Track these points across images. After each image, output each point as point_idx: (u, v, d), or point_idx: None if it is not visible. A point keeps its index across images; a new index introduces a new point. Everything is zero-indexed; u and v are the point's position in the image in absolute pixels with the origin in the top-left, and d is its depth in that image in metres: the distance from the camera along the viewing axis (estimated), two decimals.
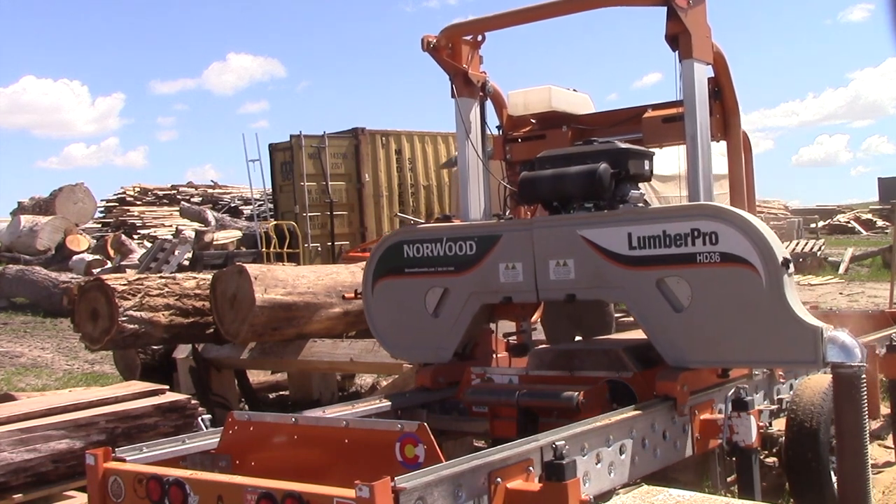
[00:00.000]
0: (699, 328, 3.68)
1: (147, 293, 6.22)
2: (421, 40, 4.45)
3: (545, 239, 4.02)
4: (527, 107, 4.75)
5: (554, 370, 4.24)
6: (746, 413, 3.67)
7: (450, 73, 4.58)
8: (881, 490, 4.87)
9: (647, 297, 3.77)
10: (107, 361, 10.22)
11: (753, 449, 3.73)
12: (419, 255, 4.35)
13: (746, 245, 3.53)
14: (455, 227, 4.47)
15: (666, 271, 3.71)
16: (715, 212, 3.65)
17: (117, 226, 23.11)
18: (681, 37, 3.95)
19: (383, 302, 4.53)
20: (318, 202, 16.66)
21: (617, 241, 3.82)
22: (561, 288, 4.01)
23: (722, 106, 4.29)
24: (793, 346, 3.53)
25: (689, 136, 3.98)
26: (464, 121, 4.58)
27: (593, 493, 3.06)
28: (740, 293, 3.56)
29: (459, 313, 4.28)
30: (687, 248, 3.65)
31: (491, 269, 4.15)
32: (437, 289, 4.32)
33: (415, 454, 2.99)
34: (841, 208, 37.06)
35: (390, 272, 4.46)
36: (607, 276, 3.86)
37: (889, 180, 42.69)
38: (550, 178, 4.11)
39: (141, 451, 3.32)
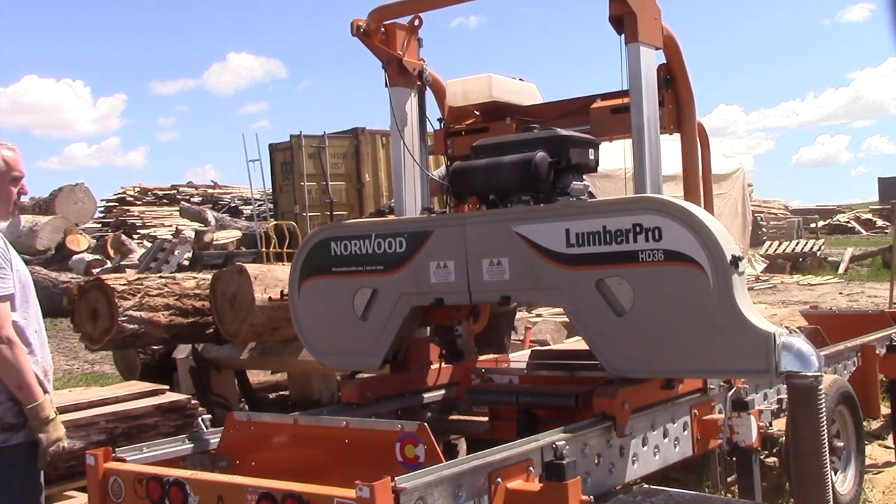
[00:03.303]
0: (642, 334, 3.33)
1: (147, 293, 6.22)
2: (350, 24, 4.05)
3: (478, 236, 3.68)
4: (466, 97, 4.38)
5: (554, 370, 4.24)
6: (746, 413, 3.67)
7: (383, 61, 4.20)
8: (881, 490, 4.87)
9: (586, 300, 3.42)
10: (107, 361, 10.22)
11: (753, 449, 3.73)
12: (347, 252, 4.01)
13: (692, 241, 3.20)
14: (384, 223, 4.11)
15: (606, 271, 3.37)
16: (658, 205, 3.31)
17: (117, 226, 23.12)
18: (626, 18, 3.59)
19: (310, 304, 4.16)
20: (318, 202, 16.67)
21: (554, 238, 3.47)
22: (495, 289, 3.67)
23: (675, 95, 3.93)
24: (743, 353, 3.18)
25: (635, 126, 3.63)
26: (398, 112, 4.20)
27: (593, 493, 3.05)
28: (686, 295, 3.22)
29: (389, 316, 3.92)
30: (628, 246, 3.30)
31: (421, 268, 3.81)
32: (366, 289, 3.97)
33: (415, 454, 2.99)
34: (841, 208, 37.09)
35: (317, 271, 4.11)
36: (544, 276, 3.52)
37: (889, 180, 42.72)
38: (484, 168, 3.82)
39: (141, 451, 3.32)
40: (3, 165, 3.31)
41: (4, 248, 3.22)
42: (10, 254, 3.25)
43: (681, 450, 3.71)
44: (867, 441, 5.07)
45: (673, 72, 3.91)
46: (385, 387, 4.18)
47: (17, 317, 3.23)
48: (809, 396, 3.17)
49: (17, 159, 3.36)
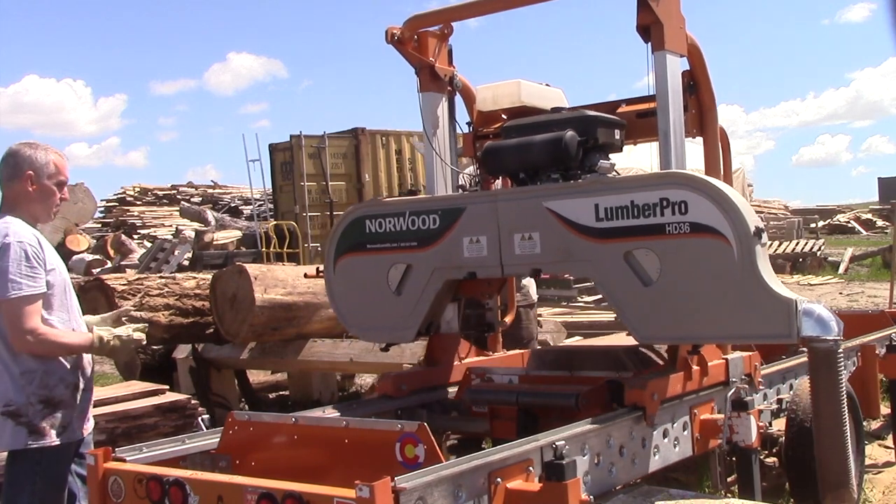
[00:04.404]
0: (668, 302, 3.48)
1: (147, 293, 6.23)
2: (385, 32, 4.21)
3: (510, 211, 3.82)
4: (496, 101, 4.55)
5: (554, 370, 4.24)
6: (746, 413, 3.67)
7: (415, 67, 4.36)
8: (881, 490, 4.87)
9: (615, 271, 3.57)
10: (107, 361, 10.20)
11: (753, 449, 3.73)
12: (381, 230, 4.14)
13: (717, 214, 3.35)
14: (418, 201, 4.24)
15: (634, 243, 3.51)
16: (684, 180, 3.46)
17: (117, 226, 23.13)
18: (652, 27, 3.74)
19: (345, 280, 4.29)
20: (318, 202, 16.67)
21: (584, 213, 3.62)
22: (526, 262, 3.82)
23: (698, 100, 4.09)
24: (766, 319, 3.32)
25: (662, 131, 3.80)
26: (430, 117, 4.38)
27: (593, 493, 3.05)
28: (711, 265, 3.37)
29: (423, 290, 4.05)
30: (656, 219, 3.45)
31: (455, 243, 3.94)
32: (400, 265, 4.10)
33: (415, 454, 2.99)
34: (841, 208, 37.07)
35: (352, 249, 4.24)
36: (574, 249, 3.66)
37: (889, 180, 42.69)
38: (516, 147, 3.97)
39: (141, 451, 3.31)
40: (53, 169, 3.40)
41: (38, 249, 3.28)
42: (45, 254, 3.32)
43: (681, 450, 3.71)
44: (867, 441, 5.07)
45: (696, 78, 4.05)
46: (417, 381, 4.33)
47: (55, 318, 3.32)
48: (829, 359, 3.33)
49: (64, 164, 3.46)
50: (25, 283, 3.20)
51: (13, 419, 3.23)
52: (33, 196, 3.37)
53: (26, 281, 3.21)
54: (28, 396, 3.24)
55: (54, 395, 3.30)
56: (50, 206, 3.43)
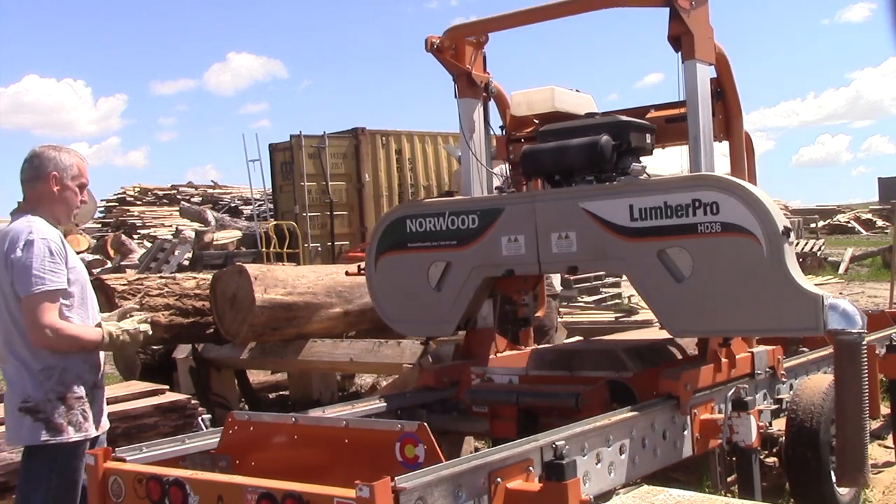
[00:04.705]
0: (701, 297, 3.68)
1: (147, 293, 6.22)
2: (425, 41, 4.46)
3: (547, 212, 4.02)
4: (530, 107, 4.75)
5: (554, 370, 4.24)
6: (746, 413, 3.67)
7: (453, 74, 4.60)
8: (881, 490, 4.87)
9: (649, 268, 3.77)
10: (107, 361, 10.20)
11: (753, 449, 3.73)
12: (422, 229, 4.34)
13: (747, 214, 3.54)
14: (458, 202, 4.46)
15: (667, 242, 3.71)
16: (716, 182, 3.67)
17: (117, 226, 23.12)
18: (683, 38, 3.96)
19: (386, 277, 4.50)
20: (318, 202, 16.65)
21: (619, 213, 3.81)
22: (563, 260, 4.02)
23: (724, 106, 4.28)
24: (794, 313, 3.52)
25: (692, 136, 4.00)
26: (467, 122, 4.60)
27: (593, 493, 3.05)
28: (741, 262, 3.56)
29: (462, 286, 4.27)
30: (688, 219, 3.65)
31: (493, 242, 4.15)
32: (440, 263, 4.31)
33: (415, 454, 2.99)
34: (841, 208, 37.05)
35: (393, 247, 4.45)
36: (609, 248, 3.86)
37: (889, 180, 42.68)
38: (552, 150, 4.15)
39: (141, 451, 3.31)
40: (76, 171, 3.50)
41: (61, 246, 3.38)
42: (67, 251, 3.41)
43: (681, 450, 3.71)
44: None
45: (723, 85, 4.24)
46: (458, 374, 4.46)
47: (74, 315, 3.39)
48: (854, 351, 3.53)
49: (86, 167, 3.57)
50: (48, 279, 3.28)
51: (31, 415, 3.29)
52: (56, 197, 3.46)
53: (49, 276, 3.28)
54: (46, 393, 3.30)
55: (72, 391, 3.36)
56: (71, 207, 3.53)
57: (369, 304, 6.85)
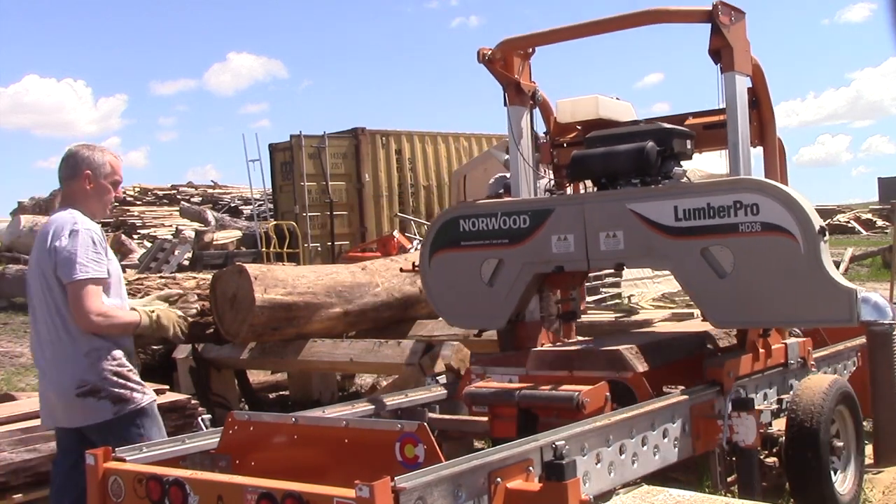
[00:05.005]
0: (742, 292, 3.92)
1: (147, 293, 6.21)
2: (477, 53, 4.78)
3: (596, 212, 4.27)
4: (574, 114, 5.02)
5: (554, 370, 4.24)
6: (746, 413, 3.67)
7: (503, 84, 4.86)
8: (881, 490, 4.86)
9: (692, 265, 4.02)
10: None
11: (753, 449, 3.73)
12: (475, 228, 4.59)
13: (786, 215, 3.79)
14: (509, 203, 4.75)
15: (710, 240, 3.96)
16: (756, 185, 3.93)
17: (117, 226, 23.10)
18: (723, 51, 4.22)
19: (440, 273, 4.75)
20: (318, 202, 16.65)
21: (664, 214, 4.05)
22: (611, 257, 4.28)
23: (759, 114, 4.53)
24: (829, 306, 3.76)
25: (732, 142, 4.27)
26: (516, 128, 4.87)
27: (593, 493, 3.05)
28: (780, 259, 3.80)
29: (513, 282, 4.50)
30: (730, 219, 3.89)
31: (544, 240, 4.39)
32: (492, 260, 4.56)
33: (415, 454, 2.99)
34: (841, 208, 37.04)
35: (447, 245, 4.69)
36: (655, 245, 4.10)
37: (889, 180, 42.65)
38: (601, 155, 4.44)
39: (141, 450, 3.31)
40: (109, 169, 3.68)
41: (101, 238, 3.59)
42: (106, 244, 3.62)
43: (681, 450, 3.71)
44: (867, 441, 5.06)
45: (758, 94, 4.51)
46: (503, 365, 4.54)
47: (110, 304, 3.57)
48: (886, 341, 3.93)
49: (119, 165, 3.74)
50: (92, 267, 3.46)
51: (93, 396, 3.51)
52: (90, 194, 3.64)
53: (93, 265, 3.46)
54: (100, 372, 3.52)
55: (122, 365, 3.59)
56: (105, 203, 3.71)
57: (369, 304, 6.87)
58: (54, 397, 3.59)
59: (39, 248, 3.58)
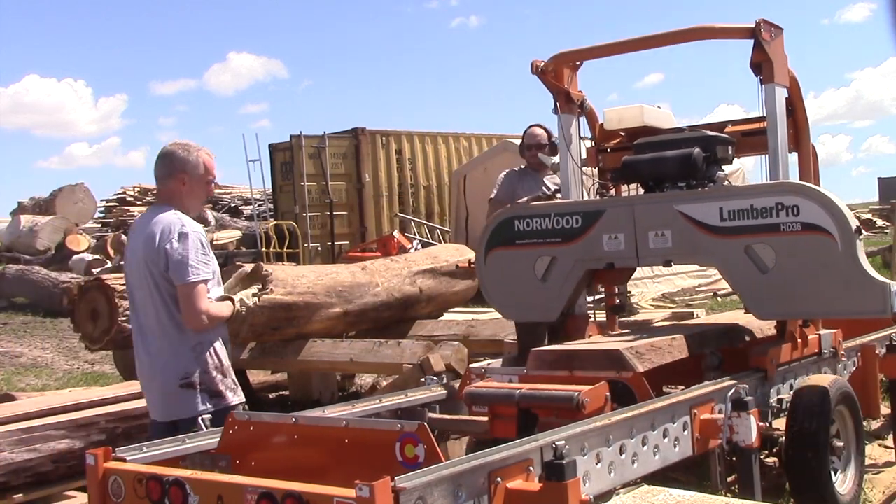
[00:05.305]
0: (783, 286, 4.20)
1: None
2: (530, 65, 5.12)
3: (645, 213, 4.56)
4: (621, 122, 5.31)
5: (554, 370, 4.24)
6: (746, 413, 3.67)
7: (554, 93, 5.20)
8: (881, 490, 4.87)
9: (737, 261, 4.31)
10: (107, 361, 10.22)
11: (753, 449, 3.73)
12: (529, 228, 4.89)
13: (824, 215, 4.07)
14: (562, 204, 5.07)
15: (753, 239, 4.25)
16: (797, 188, 4.23)
17: (117, 226, 23.10)
18: (764, 64, 4.54)
19: (495, 270, 5.04)
20: (318, 202, 16.66)
21: (710, 214, 4.35)
22: (659, 255, 4.59)
23: (795, 122, 4.81)
24: (865, 299, 4.05)
25: (772, 149, 4.59)
26: (566, 135, 5.21)
27: (593, 493, 3.05)
28: (819, 256, 4.09)
29: (566, 278, 4.80)
30: (772, 219, 4.18)
31: (595, 239, 4.68)
32: (545, 257, 4.85)
33: (415, 454, 2.99)
34: None
35: (502, 244, 4.99)
36: (701, 244, 4.40)
37: (889, 180, 42.65)
38: (650, 160, 4.74)
39: (141, 450, 3.31)
40: (203, 169, 3.85)
41: (205, 239, 3.77)
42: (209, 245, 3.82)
43: (681, 450, 3.70)
44: (867, 441, 5.06)
45: (794, 103, 4.79)
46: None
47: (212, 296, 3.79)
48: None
49: (213, 165, 3.92)
50: (202, 270, 3.68)
51: (194, 389, 3.71)
52: (185, 192, 3.82)
53: (202, 267, 3.68)
54: (203, 365, 3.74)
55: (224, 361, 3.84)
56: (199, 201, 3.89)
57: (369, 304, 6.87)
58: (157, 389, 3.78)
59: (147, 247, 3.71)
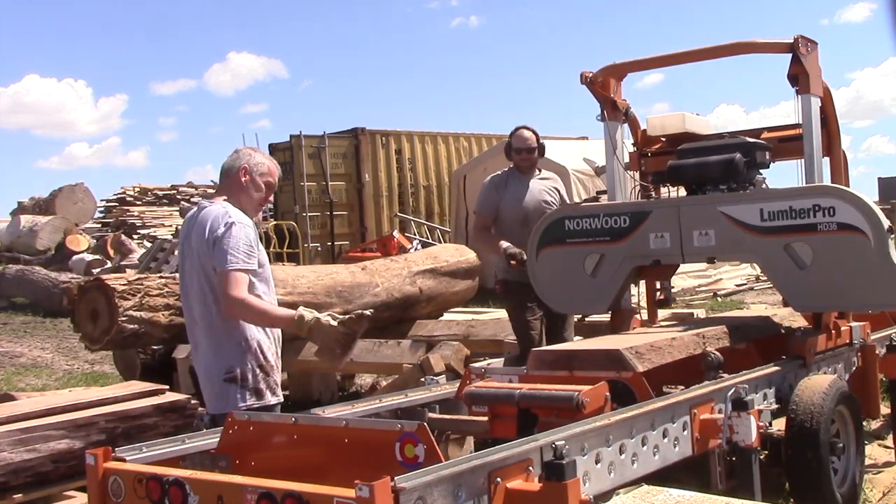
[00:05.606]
0: (819, 281, 4.53)
1: (147, 293, 6.21)
2: (580, 76, 5.46)
3: (690, 213, 4.88)
4: (664, 128, 5.68)
5: (554, 370, 4.24)
6: (746, 413, 3.67)
7: (601, 102, 5.52)
8: (881, 490, 4.87)
9: (776, 258, 4.64)
10: (107, 361, 10.22)
11: (753, 449, 3.73)
12: (579, 227, 5.19)
13: (859, 216, 4.38)
14: (610, 206, 5.40)
15: (792, 238, 4.57)
16: (833, 191, 4.57)
17: (117, 226, 23.10)
18: (801, 77, 4.89)
19: (546, 266, 5.33)
20: (318, 202, 16.66)
21: (751, 215, 4.66)
22: (703, 252, 4.93)
23: (827, 130, 5.15)
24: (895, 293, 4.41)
25: (808, 154, 4.94)
26: (613, 140, 5.54)
27: (593, 493, 3.05)
28: (853, 253, 4.40)
29: (614, 274, 5.10)
30: (809, 220, 4.49)
31: (643, 238, 4.98)
32: (595, 255, 5.16)
33: (415, 454, 2.99)
34: None
35: (553, 242, 5.29)
36: (743, 242, 4.72)
37: (889, 180, 42.51)
38: (695, 165, 5.09)
39: (141, 450, 3.31)
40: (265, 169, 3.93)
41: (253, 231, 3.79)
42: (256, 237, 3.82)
43: (681, 450, 3.71)
44: (867, 441, 5.06)
45: (826, 112, 5.14)
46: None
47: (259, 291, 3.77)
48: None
49: (276, 171, 4.02)
50: (242, 259, 3.66)
51: (236, 384, 3.71)
52: (244, 187, 3.87)
53: (243, 257, 3.67)
54: (247, 362, 3.72)
55: (268, 360, 3.79)
56: (254, 200, 3.91)
57: (369, 304, 6.86)
58: (205, 381, 3.82)
59: (198, 240, 3.75)
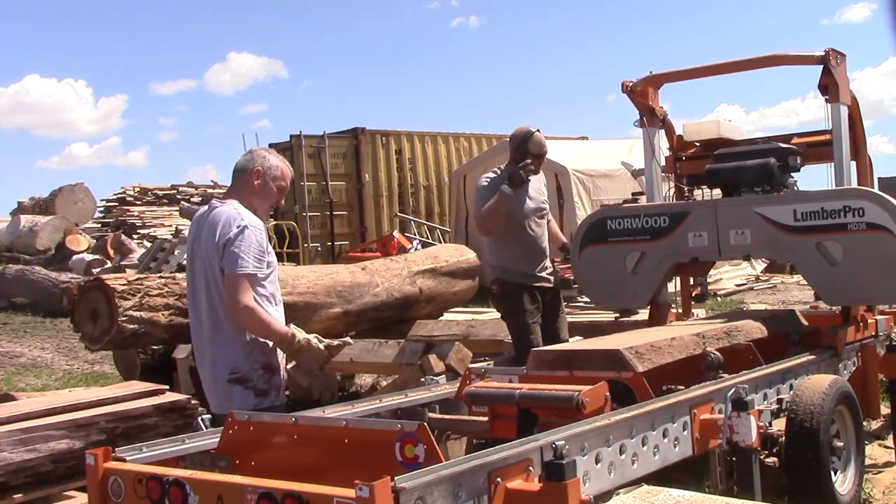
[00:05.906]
0: (849, 277, 4.85)
1: (147, 293, 6.21)
2: (621, 84, 5.77)
3: (727, 214, 5.19)
4: (700, 134, 5.96)
5: (554, 370, 4.24)
6: (746, 413, 3.67)
7: (641, 109, 5.83)
8: (881, 490, 4.87)
9: (809, 256, 4.95)
10: (107, 361, 10.22)
11: (753, 449, 3.73)
12: (620, 227, 5.48)
13: (887, 217, 4.68)
14: (651, 206, 5.70)
15: (823, 237, 4.87)
16: (862, 193, 4.89)
17: (117, 226, 23.09)
18: (830, 87, 5.18)
19: (588, 264, 5.64)
20: (318, 202, 16.66)
21: (785, 215, 4.97)
22: (739, 251, 5.26)
23: (854, 136, 5.43)
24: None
25: (837, 159, 5.24)
26: (650, 145, 5.88)
27: (593, 493, 3.05)
28: (882, 251, 4.70)
29: (654, 270, 5.40)
30: (840, 220, 4.80)
31: (682, 236, 5.29)
32: (635, 253, 5.44)
33: (415, 454, 2.99)
34: None
35: (595, 241, 5.58)
36: (777, 241, 5.04)
37: (889, 180, 42.45)
38: (732, 168, 5.39)
39: (141, 450, 3.31)
40: (279, 173, 3.91)
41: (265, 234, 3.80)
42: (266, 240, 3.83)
43: (681, 450, 3.71)
44: (867, 441, 5.06)
45: (853, 119, 5.44)
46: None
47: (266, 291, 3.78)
48: None
49: (289, 175, 3.99)
50: (252, 265, 3.68)
51: (241, 384, 3.75)
52: (256, 189, 3.86)
53: (253, 262, 3.69)
54: (252, 363, 3.76)
55: (272, 361, 3.82)
56: (266, 201, 3.91)
57: (369, 304, 6.87)
58: (209, 381, 3.85)
59: (207, 240, 3.74)
